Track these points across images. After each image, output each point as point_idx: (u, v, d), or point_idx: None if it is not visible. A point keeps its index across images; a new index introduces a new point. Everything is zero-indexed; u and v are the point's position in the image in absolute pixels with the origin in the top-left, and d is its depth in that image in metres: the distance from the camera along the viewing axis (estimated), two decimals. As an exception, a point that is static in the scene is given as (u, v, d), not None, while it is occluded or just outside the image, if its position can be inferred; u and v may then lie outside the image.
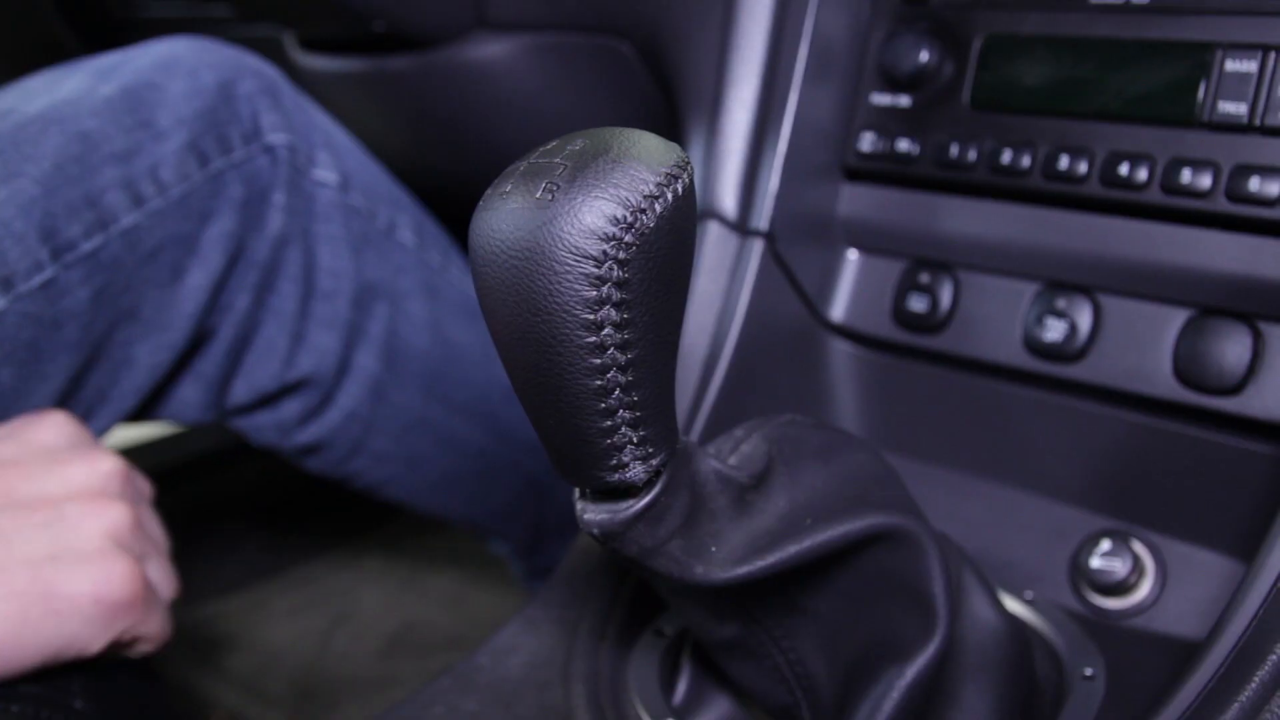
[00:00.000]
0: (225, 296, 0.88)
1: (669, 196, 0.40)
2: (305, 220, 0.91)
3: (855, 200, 0.76)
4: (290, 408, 0.97)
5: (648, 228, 0.40)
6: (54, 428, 0.68)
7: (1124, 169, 0.63)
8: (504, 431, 1.09)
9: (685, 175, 0.42)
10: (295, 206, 0.91)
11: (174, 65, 0.85)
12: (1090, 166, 0.65)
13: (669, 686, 0.62)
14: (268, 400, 0.96)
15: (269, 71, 0.91)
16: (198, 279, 0.84)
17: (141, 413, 0.89)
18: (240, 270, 0.88)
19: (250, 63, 0.90)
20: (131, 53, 0.87)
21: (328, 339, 0.95)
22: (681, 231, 0.42)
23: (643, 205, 0.40)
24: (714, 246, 0.75)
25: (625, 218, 0.40)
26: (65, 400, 0.78)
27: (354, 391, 0.98)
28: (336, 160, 0.95)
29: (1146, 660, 0.61)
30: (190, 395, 0.91)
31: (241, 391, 0.94)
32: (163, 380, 0.88)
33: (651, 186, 0.40)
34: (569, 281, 0.40)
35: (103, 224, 0.77)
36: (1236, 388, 0.61)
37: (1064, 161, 0.65)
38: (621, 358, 0.42)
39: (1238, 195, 0.60)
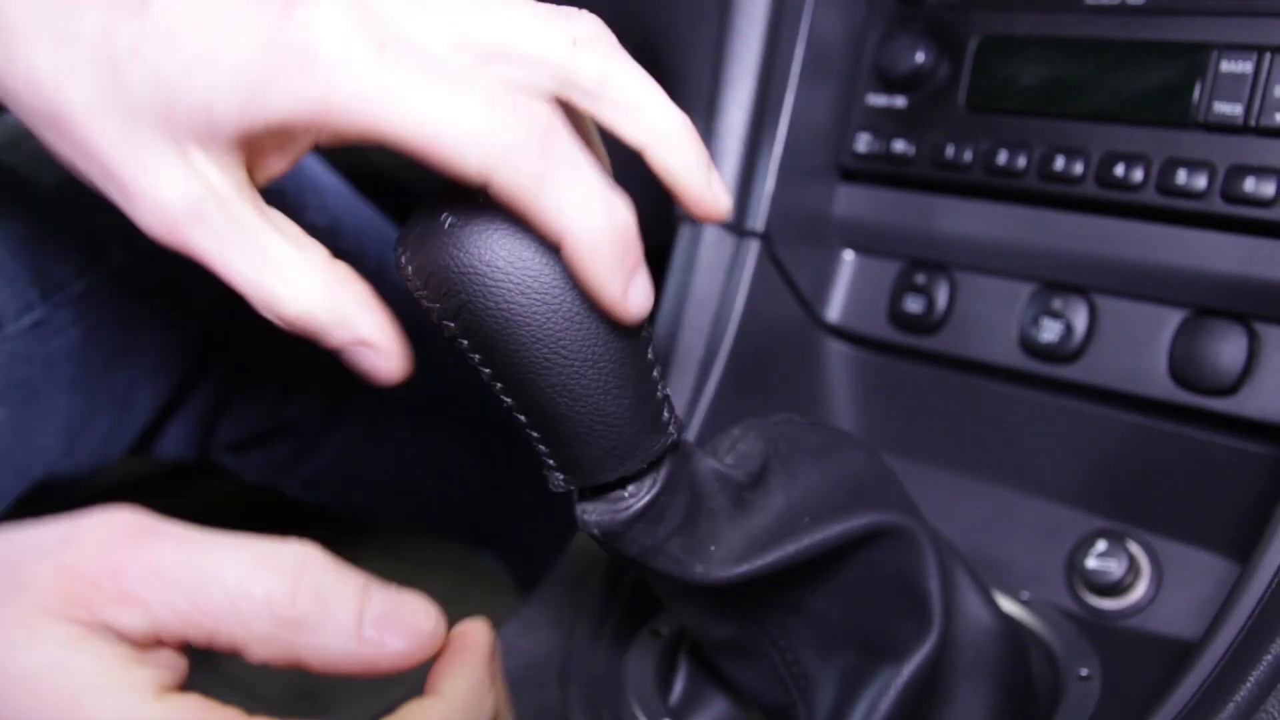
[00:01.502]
0: (218, 335, 0.88)
1: None
2: None
3: (851, 201, 0.76)
4: (281, 449, 0.97)
5: None
6: None
7: (1119, 170, 0.63)
8: (500, 458, 1.09)
9: None
10: None
11: None
12: (1086, 167, 0.65)
13: (665, 686, 0.62)
14: (257, 441, 0.96)
15: None
16: (199, 320, 0.84)
17: (130, 449, 0.88)
18: (235, 312, 0.88)
19: None
20: None
21: (319, 382, 0.95)
22: None
23: None
24: (710, 248, 0.75)
25: None
26: (72, 443, 0.78)
27: (347, 431, 0.98)
28: (324, 203, 0.94)
29: (1142, 660, 0.61)
30: (177, 433, 0.91)
31: (229, 431, 0.93)
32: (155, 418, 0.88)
33: None
34: None
35: (93, 263, 0.77)
36: (1232, 388, 0.61)
37: (1059, 162, 0.65)
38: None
39: (1233, 196, 0.60)
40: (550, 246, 0.41)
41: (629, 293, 0.41)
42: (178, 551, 0.38)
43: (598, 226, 0.39)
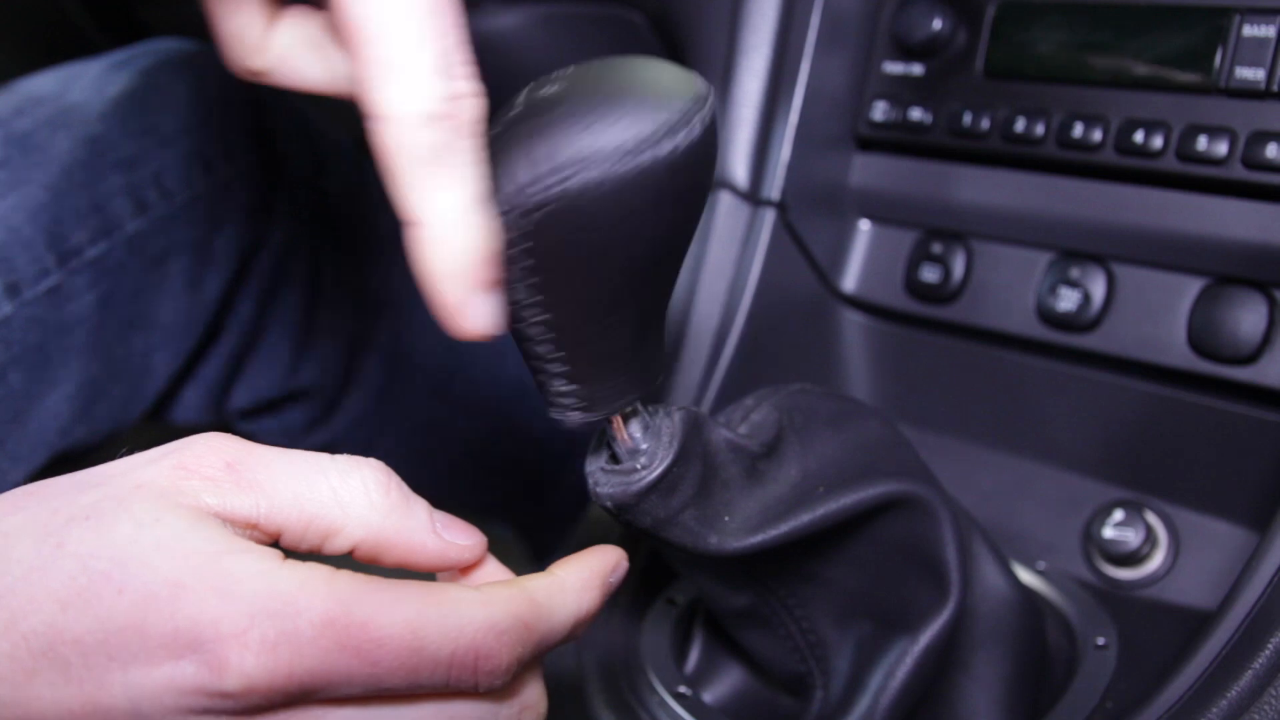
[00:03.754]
0: (232, 302, 0.88)
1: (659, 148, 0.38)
2: (311, 229, 0.92)
3: (867, 170, 0.76)
4: (295, 414, 0.97)
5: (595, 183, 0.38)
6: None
7: (1139, 136, 0.63)
8: (511, 426, 1.09)
9: (697, 120, 0.39)
10: (301, 215, 0.91)
11: (179, 69, 0.85)
12: (1105, 134, 0.64)
13: (681, 655, 0.62)
14: (271, 406, 0.96)
15: None
16: (213, 286, 0.85)
17: (146, 415, 0.89)
18: (247, 277, 0.88)
19: None
20: (136, 51, 0.87)
21: (332, 348, 0.95)
22: (660, 186, 0.39)
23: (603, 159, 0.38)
24: (725, 216, 0.75)
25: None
26: (88, 408, 0.78)
27: (360, 398, 0.99)
28: (341, 168, 0.94)
29: (1159, 630, 0.61)
30: (191, 398, 0.91)
31: (243, 397, 0.94)
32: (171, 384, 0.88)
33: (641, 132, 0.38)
34: None
35: (107, 230, 0.77)
36: (1251, 357, 0.61)
37: (1078, 129, 0.65)
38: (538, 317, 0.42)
39: (1255, 162, 0.59)
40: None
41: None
42: (281, 455, 0.41)
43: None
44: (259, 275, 0.89)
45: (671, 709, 0.58)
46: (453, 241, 0.40)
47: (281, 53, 0.51)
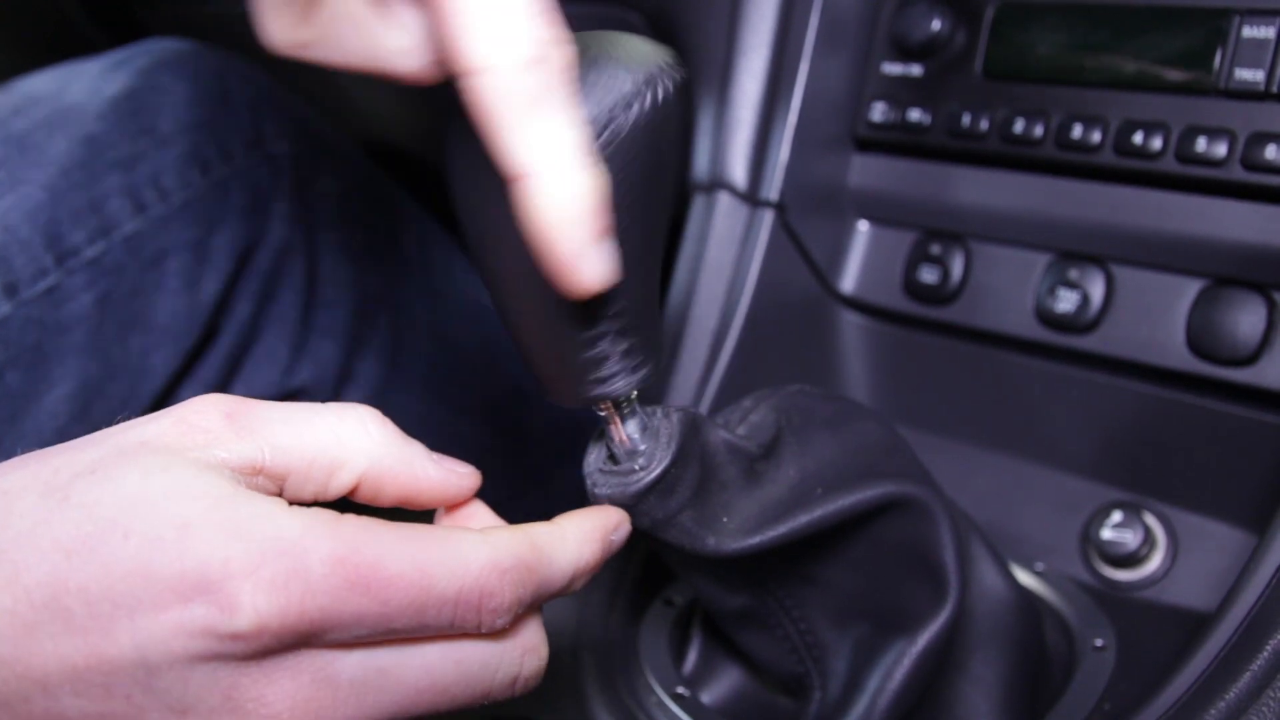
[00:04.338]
0: (229, 302, 0.88)
1: (648, 99, 0.40)
2: (308, 229, 0.92)
3: (866, 171, 0.76)
4: None
5: (622, 130, 0.40)
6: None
7: (1138, 138, 0.63)
8: (507, 427, 1.09)
9: (667, 78, 0.41)
10: (298, 216, 0.91)
11: (175, 69, 0.85)
12: (1104, 135, 0.64)
13: (679, 656, 0.62)
14: None
15: (266, 79, 0.91)
16: (210, 286, 0.85)
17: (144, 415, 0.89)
18: (244, 278, 0.88)
19: (250, 70, 0.91)
20: (134, 51, 0.87)
21: (329, 348, 0.95)
22: (662, 133, 0.41)
23: (617, 111, 0.40)
24: (724, 217, 0.75)
25: (601, 118, 0.40)
26: (86, 407, 0.78)
27: (356, 398, 0.99)
28: (338, 169, 0.94)
29: (1157, 632, 0.61)
30: (188, 398, 0.91)
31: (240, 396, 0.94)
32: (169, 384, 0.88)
33: (629, 88, 0.40)
34: None
35: (105, 230, 0.78)
36: (1250, 358, 0.61)
37: (1077, 130, 0.65)
38: None
39: (1254, 164, 0.59)
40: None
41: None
42: (277, 405, 0.42)
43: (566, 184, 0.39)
44: (256, 275, 0.89)
45: (669, 709, 0.58)
46: (566, 187, 0.38)
47: (326, 25, 0.48)
